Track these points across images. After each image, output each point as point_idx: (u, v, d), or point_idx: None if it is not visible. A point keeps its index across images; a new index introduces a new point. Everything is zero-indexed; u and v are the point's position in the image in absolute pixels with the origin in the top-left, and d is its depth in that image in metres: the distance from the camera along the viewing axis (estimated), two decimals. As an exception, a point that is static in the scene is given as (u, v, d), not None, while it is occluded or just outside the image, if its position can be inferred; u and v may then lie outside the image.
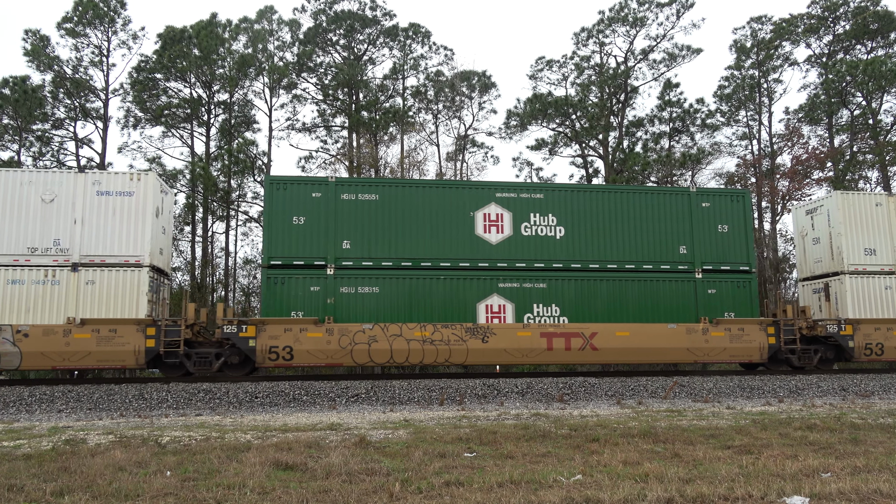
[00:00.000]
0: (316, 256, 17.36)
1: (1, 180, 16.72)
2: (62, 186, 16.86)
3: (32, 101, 32.26)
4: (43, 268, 16.46)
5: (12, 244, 16.49)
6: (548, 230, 18.20)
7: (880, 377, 17.99)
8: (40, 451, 8.83)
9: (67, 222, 16.74)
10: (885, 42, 36.76)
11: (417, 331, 17.10)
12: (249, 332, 16.65)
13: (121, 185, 17.04)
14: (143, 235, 16.89)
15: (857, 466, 7.62)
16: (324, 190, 17.64)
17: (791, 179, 35.76)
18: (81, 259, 16.62)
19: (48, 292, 16.37)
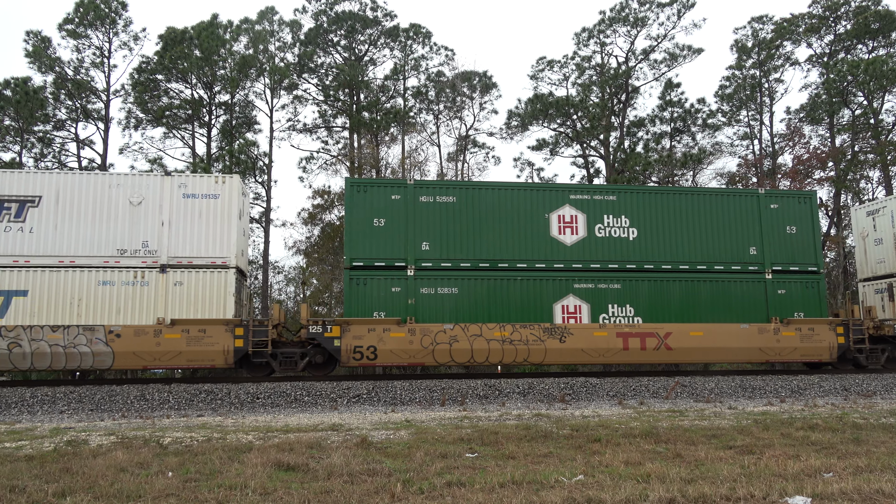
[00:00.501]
0: (396, 258, 17.57)
1: (91, 183, 16.95)
2: (149, 189, 17.09)
3: (34, 103, 32.31)
4: (132, 269, 16.66)
5: (102, 246, 16.68)
6: (621, 231, 18.42)
7: (882, 377, 17.97)
8: (42, 452, 8.84)
9: (155, 224, 16.96)
10: (886, 41, 36.73)
11: (497, 331, 17.32)
12: (334, 333, 16.90)
13: (206, 188, 17.30)
14: (229, 237, 17.14)
15: (860, 466, 7.61)
16: (403, 192, 17.89)
17: (792, 179, 35.75)
18: (169, 261, 16.84)
19: (138, 293, 16.56)
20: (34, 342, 15.92)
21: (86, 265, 16.52)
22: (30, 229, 16.49)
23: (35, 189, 16.72)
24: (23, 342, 15.89)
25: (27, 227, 16.49)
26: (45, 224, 16.57)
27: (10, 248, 16.40)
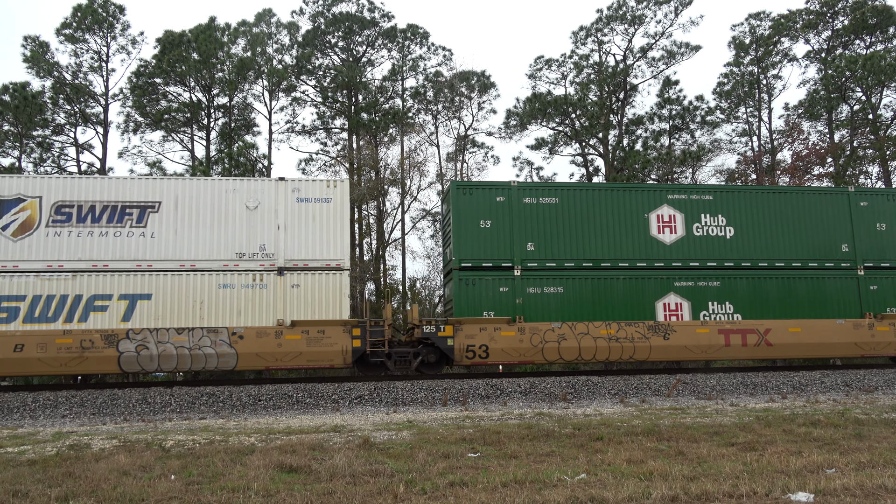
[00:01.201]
0: (503, 258, 17.94)
1: (208, 188, 17.30)
2: (265, 194, 17.43)
3: (32, 108, 32.32)
4: (251, 272, 16.99)
5: (221, 250, 17.01)
6: (718, 230, 18.79)
7: (884, 372, 17.97)
8: (45, 456, 8.84)
9: (271, 228, 17.28)
10: (884, 37, 36.71)
11: (603, 329, 17.71)
12: (447, 332, 17.28)
13: (318, 192, 17.61)
14: (343, 240, 17.53)
15: (862, 462, 7.62)
16: (507, 194, 18.24)
17: (792, 175, 35.75)
18: (286, 263, 17.14)
19: (257, 296, 16.89)
20: (160, 344, 16.29)
21: (206, 269, 16.87)
22: (151, 234, 16.86)
23: (155, 195, 17.06)
24: (150, 344, 16.25)
25: (148, 233, 16.86)
26: (165, 229, 16.92)
27: (132, 252, 16.75)
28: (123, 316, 16.38)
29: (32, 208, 16.63)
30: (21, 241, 16.42)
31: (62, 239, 16.56)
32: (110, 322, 16.33)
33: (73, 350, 15.95)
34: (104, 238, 16.68)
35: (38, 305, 16.19)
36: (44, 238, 16.50)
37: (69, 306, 16.27)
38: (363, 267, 33.53)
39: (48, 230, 16.55)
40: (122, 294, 16.47)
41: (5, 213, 16.52)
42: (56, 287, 16.32)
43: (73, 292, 16.35)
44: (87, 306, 16.33)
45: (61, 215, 16.66)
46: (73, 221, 16.67)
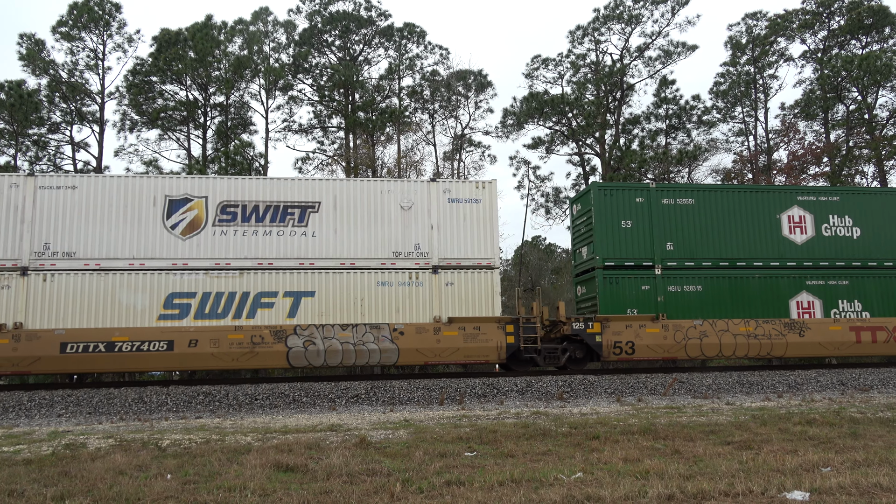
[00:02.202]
0: (644, 257, 18.50)
1: (364, 189, 17.78)
2: (418, 195, 17.90)
3: (28, 106, 32.21)
4: (407, 270, 17.46)
5: (378, 249, 17.49)
6: (845, 230, 19.39)
7: (879, 371, 18.03)
8: (40, 455, 8.82)
9: (425, 228, 17.75)
10: (879, 37, 36.83)
11: (742, 326, 18.22)
12: (595, 329, 17.79)
13: (468, 193, 18.08)
14: (492, 239, 17.98)
15: (857, 460, 7.64)
16: (646, 195, 18.81)
17: (788, 175, 35.84)
18: (440, 262, 17.61)
19: (413, 293, 17.39)
20: (326, 340, 16.81)
21: (365, 267, 17.37)
22: (312, 233, 17.36)
23: (315, 195, 17.55)
24: (316, 340, 16.77)
25: (310, 232, 17.37)
26: (325, 228, 17.43)
27: (295, 251, 17.23)
28: (289, 312, 16.92)
29: (199, 208, 17.13)
30: (189, 239, 16.93)
31: (228, 238, 17.09)
32: (276, 318, 16.87)
33: (244, 345, 16.50)
34: (268, 237, 17.20)
35: (207, 302, 16.71)
36: (211, 237, 17.01)
37: (237, 303, 16.81)
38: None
39: (215, 229, 17.06)
40: (286, 291, 17.00)
41: (174, 213, 17.00)
42: (224, 284, 16.85)
43: (241, 289, 16.88)
44: (255, 303, 16.89)
45: (227, 215, 17.20)
46: (238, 221, 17.20)
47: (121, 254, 16.62)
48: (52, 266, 16.33)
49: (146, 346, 16.16)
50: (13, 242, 16.34)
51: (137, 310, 16.44)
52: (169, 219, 16.93)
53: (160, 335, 16.26)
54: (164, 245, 16.80)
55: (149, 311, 16.47)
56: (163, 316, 16.47)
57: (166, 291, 16.58)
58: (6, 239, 16.31)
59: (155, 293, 16.55)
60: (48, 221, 16.55)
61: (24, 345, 15.78)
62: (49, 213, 16.58)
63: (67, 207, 16.65)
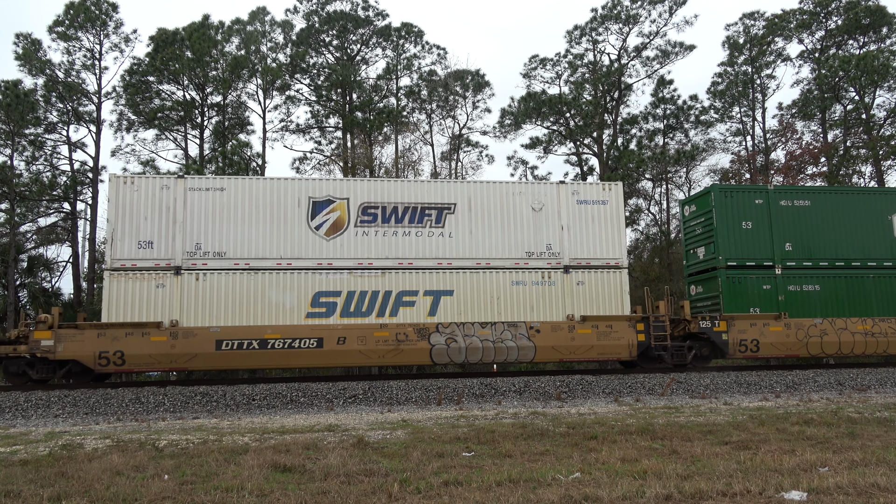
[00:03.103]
0: (764, 257, 19.04)
1: (497, 191, 18.30)
2: (547, 196, 18.36)
3: (24, 106, 32.13)
4: (539, 270, 17.96)
5: (512, 249, 17.99)
6: None
7: (876, 371, 18.06)
8: (37, 456, 8.79)
9: (555, 229, 18.22)
10: (877, 37, 36.89)
11: (859, 324, 18.81)
12: (722, 327, 18.31)
13: (596, 195, 18.57)
14: (620, 240, 18.49)
15: (855, 460, 7.64)
16: (764, 197, 19.37)
17: (785, 175, 35.88)
18: (570, 262, 18.11)
19: (546, 292, 17.88)
20: (467, 337, 17.36)
21: (499, 266, 17.87)
22: (449, 234, 17.92)
23: (449, 197, 18.09)
24: (458, 337, 17.33)
25: (446, 233, 17.93)
26: (461, 229, 17.98)
27: (433, 251, 17.81)
28: (429, 311, 17.47)
29: (342, 209, 17.69)
30: (333, 240, 17.50)
31: (369, 238, 17.64)
32: (417, 317, 17.40)
33: (389, 343, 17.07)
34: (407, 237, 17.77)
35: (352, 300, 17.29)
36: (353, 237, 17.57)
37: (380, 301, 17.38)
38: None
39: (357, 230, 17.62)
40: (426, 290, 17.57)
41: (318, 214, 17.57)
42: (367, 283, 17.41)
43: (383, 288, 17.42)
44: (397, 301, 17.43)
45: (367, 216, 17.77)
46: (378, 222, 17.76)
47: (268, 254, 17.19)
48: (204, 265, 16.90)
49: (297, 343, 16.82)
50: (167, 243, 16.88)
51: (286, 308, 17.00)
52: (313, 220, 17.52)
53: (310, 333, 16.90)
54: (309, 245, 17.37)
55: (297, 309, 17.04)
56: (310, 314, 17.06)
57: (313, 290, 17.15)
58: (160, 239, 16.86)
59: (302, 292, 17.11)
60: (199, 222, 17.11)
61: (182, 342, 16.37)
62: (199, 215, 17.14)
63: (216, 209, 17.22)
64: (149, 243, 16.77)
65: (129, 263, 16.67)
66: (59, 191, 33.58)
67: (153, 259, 16.75)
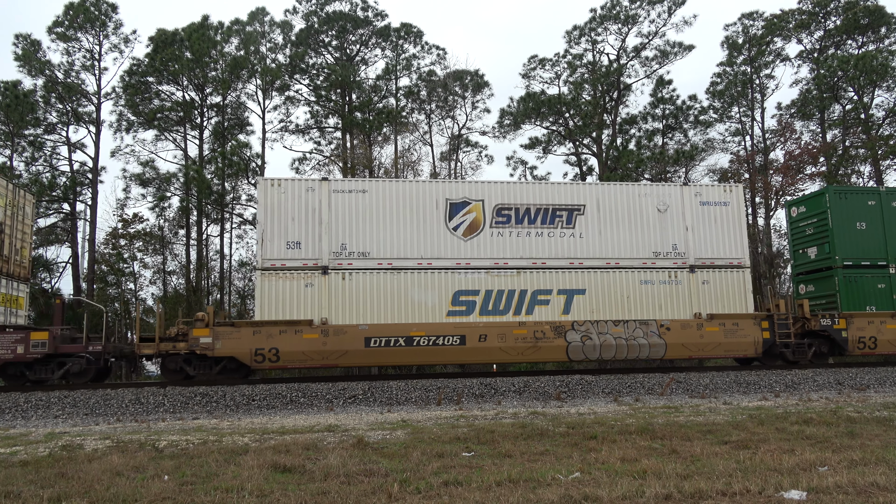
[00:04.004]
0: (878, 257, 19.73)
1: (623, 193, 18.88)
2: (671, 198, 18.96)
3: (24, 106, 32.14)
4: (666, 269, 18.54)
5: (639, 249, 18.54)
6: None
7: (875, 370, 18.07)
8: (37, 457, 8.79)
9: (680, 229, 18.82)
10: (875, 37, 36.90)
11: None
12: (841, 325, 18.96)
13: (717, 196, 19.20)
14: (742, 240, 19.04)
15: (854, 460, 7.65)
16: (877, 199, 20.14)
17: (784, 175, 35.89)
18: (695, 262, 18.72)
19: (673, 291, 18.50)
20: (601, 335, 17.90)
21: (628, 266, 18.42)
22: (579, 234, 18.46)
23: (579, 198, 18.62)
24: (592, 335, 17.87)
25: (577, 233, 18.46)
26: (591, 230, 18.50)
27: (565, 251, 18.34)
28: (563, 309, 18.02)
29: (477, 211, 18.27)
30: (470, 240, 18.08)
31: (504, 238, 18.19)
32: (552, 314, 17.94)
33: (527, 340, 17.60)
34: (539, 238, 18.30)
35: (490, 299, 17.85)
36: (489, 238, 18.13)
37: (517, 300, 17.90)
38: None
39: (492, 230, 18.19)
40: (560, 289, 18.11)
41: (455, 215, 18.15)
42: (504, 282, 17.94)
43: (519, 287, 17.95)
44: (532, 300, 17.96)
45: (502, 217, 18.32)
46: (512, 222, 18.30)
47: (409, 254, 17.78)
48: (349, 265, 17.52)
49: (441, 340, 17.42)
50: (313, 243, 17.50)
51: (428, 306, 17.58)
52: (451, 221, 18.11)
53: (453, 330, 17.50)
54: (447, 245, 17.97)
55: (438, 307, 17.62)
56: (451, 312, 17.66)
57: (453, 289, 17.74)
58: (307, 240, 17.49)
59: (443, 291, 17.70)
60: (343, 223, 17.71)
61: (332, 339, 17.02)
62: (343, 216, 17.74)
63: (359, 210, 17.82)
64: (297, 244, 17.42)
65: (278, 263, 17.29)
66: (58, 191, 33.57)
67: (301, 259, 17.38)
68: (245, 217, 36.95)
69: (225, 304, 34.59)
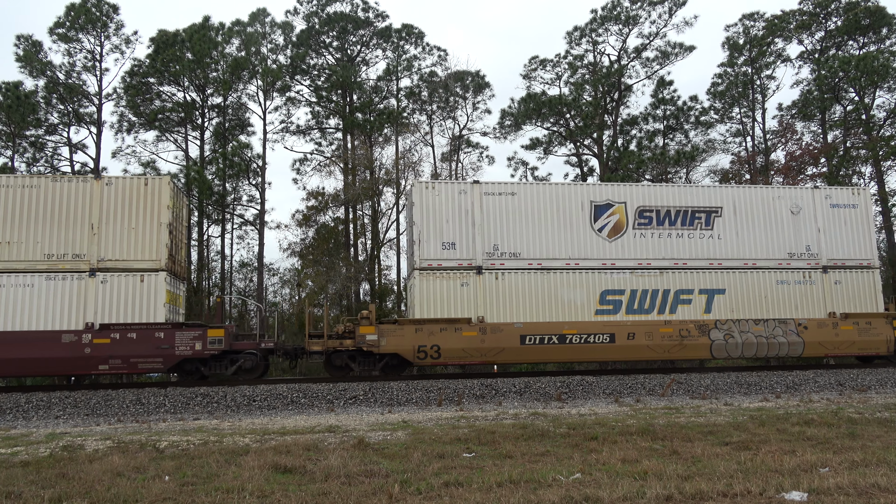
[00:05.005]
0: None
1: (758, 196, 19.58)
2: (803, 200, 19.75)
3: (25, 107, 32.15)
4: (800, 270, 19.30)
5: (775, 250, 19.29)
6: None
7: (877, 372, 18.06)
8: (38, 457, 8.80)
9: (812, 231, 19.59)
10: (876, 37, 36.86)
11: None
12: None
13: (846, 199, 19.99)
14: (871, 241, 19.79)
15: (855, 461, 7.64)
16: None
17: (785, 175, 35.84)
18: (827, 262, 19.44)
19: (807, 291, 19.19)
20: (742, 333, 18.59)
21: (764, 266, 19.17)
22: (717, 236, 19.21)
23: (716, 201, 19.38)
24: (734, 333, 18.54)
25: (715, 234, 19.21)
26: (727, 231, 19.26)
27: (704, 252, 19.08)
28: (705, 308, 18.72)
29: (620, 213, 18.96)
30: (614, 241, 18.78)
31: (646, 240, 18.93)
32: (694, 313, 18.67)
33: (673, 338, 18.32)
34: (679, 239, 19.05)
35: (635, 298, 18.54)
36: (632, 239, 18.85)
37: (660, 299, 18.61)
38: (358, 267, 33.48)
39: (635, 232, 18.91)
40: (701, 289, 18.85)
41: (599, 217, 18.82)
42: (647, 282, 18.66)
43: (662, 287, 18.68)
44: (675, 299, 18.70)
45: (644, 219, 19.05)
46: (653, 224, 19.04)
47: (557, 254, 18.48)
48: (502, 265, 18.19)
49: (592, 338, 18.08)
50: (467, 244, 18.22)
51: (577, 305, 18.25)
52: (595, 222, 18.80)
53: (602, 328, 18.19)
54: (593, 246, 18.65)
55: (586, 306, 18.30)
56: (599, 311, 18.34)
57: (599, 289, 18.44)
58: (461, 241, 18.22)
59: (590, 290, 18.38)
60: (494, 225, 18.41)
61: (490, 337, 17.70)
62: (494, 218, 18.44)
63: (509, 212, 18.50)
64: (451, 244, 18.17)
65: (434, 263, 18.04)
66: (59, 192, 33.49)
67: (456, 259, 18.12)
68: (246, 218, 36.99)
69: (226, 304, 34.57)
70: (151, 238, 17.01)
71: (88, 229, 16.86)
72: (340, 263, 32.85)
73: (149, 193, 17.27)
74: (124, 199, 17.16)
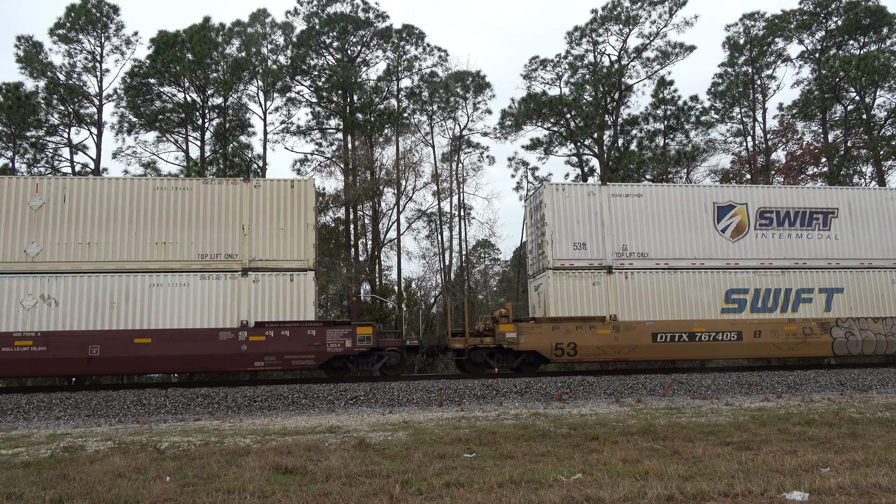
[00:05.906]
0: None
1: (872, 197, 20.16)
2: None
3: (26, 108, 32.14)
4: None
5: (889, 250, 19.80)
6: None
7: (878, 371, 18.05)
8: (39, 458, 8.80)
9: None
10: (877, 37, 36.85)
11: None
12: None
13: None
14: None
15: (856, 461, 7.64)
16: None
17: (786, 175, 35.85)
18: None
19: None
20: (862, 331, 19.10)
21: (879, 266, 19.64)
22: (835, 236, 19.70)
23: (831, 202, 19.88)
24: (854, 331, 19.04)
25: (832, 235, 19.71)
26: (844, 232, 19.76)
27: (822, 252, 19.54)
28: (825, 307, 19.18)
29: (742, 214, 19.46)
30: (737, 242, 19.26)
31: (767, 240, 19.40)
32: (815, 312, 19.12)
33: (797, 336, 18.79)
34: (799, 239, 19.54)
35: (759, 297, 18.97)
36: (754, 239, 19.33)
37: (783, 298, 19.08)
38: (358, 267, 33.48)
39: (756, 232, 19.39)
40: (820, 288, 19.30)
41: (722, 218, 19.34)
42: (769, 281, 19.10)
43: (784, 286, 19.13)
44: (797, 298, 19.17)
45: (764, 220, 19.55)
46: (773, 225, 19.54)
47: (683, 254, 18.97)
48: (630, 265, 18.70)
49: (720, 336, 18.53)
50: (597, 244, 18.72)
51: (703, 304, 18.69)
52: (718, 223, 19.31)
53: (730, 326, 18.58)
54: (717, 246, 19.12)
55: (712, 305, 18.73)
56: (724, 310, 18.76)
57: (724, 288, 18.88)
58: (591, 241, 18.70)
59: (715, 289, 18.82)
60: (622, 226, 18.90)
61: (623, 335, 18.18)
62: (622, 219, 18.93)
63: (636, 213, 19.01)
64: (582, 245, 18.68)
65: (566, 263, 18.54)
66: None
67: (587, 259, 18.63)
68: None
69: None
70: (299, 239, 17.45)
71: (239, 230, 17.25)
72: (341, 264, 32.85)
73: (295, 195, 17.71)
74: (272, 200, 17.58)
